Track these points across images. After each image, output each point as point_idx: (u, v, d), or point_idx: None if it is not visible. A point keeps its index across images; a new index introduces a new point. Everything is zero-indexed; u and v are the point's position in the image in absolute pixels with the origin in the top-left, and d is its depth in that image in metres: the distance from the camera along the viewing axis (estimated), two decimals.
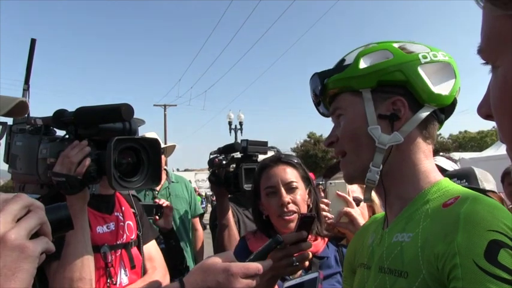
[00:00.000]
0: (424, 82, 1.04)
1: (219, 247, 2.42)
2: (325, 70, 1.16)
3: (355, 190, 2.08)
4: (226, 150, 2.49)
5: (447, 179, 1.08)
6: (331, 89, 1.14)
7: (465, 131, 40.44)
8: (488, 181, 2.25)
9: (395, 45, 1.10)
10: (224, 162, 2.44)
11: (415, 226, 0.97)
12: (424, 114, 1.05)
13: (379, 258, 1.05)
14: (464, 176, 2.23)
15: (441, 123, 1.12)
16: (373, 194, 2.11)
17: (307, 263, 1.41)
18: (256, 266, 1.09)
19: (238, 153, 2.49)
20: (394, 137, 1.05)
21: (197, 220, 4.31)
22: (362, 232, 1.31)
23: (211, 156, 2.55)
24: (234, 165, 2.44)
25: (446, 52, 1.11)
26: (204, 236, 4.32)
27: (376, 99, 1.07)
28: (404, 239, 0.99)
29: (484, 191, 1.96)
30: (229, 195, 2.53)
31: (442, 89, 1.06)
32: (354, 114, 1.10)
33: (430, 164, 1.08)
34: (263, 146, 2.46)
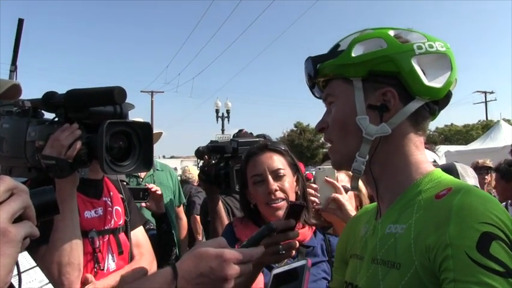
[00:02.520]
0: (416, 74, 1.02)
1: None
2: (319, 55, 1.14)
3: (342, 179, 2.08)
4: (216, 150, 2.44)
5: (439, 169, 1.08)
6: (323, 74, 1.13)
7: (451, 124, 40.97)
8: (470, 176, 2.28)
9: (391, 32, 1.07)
10: (214, 161, 2.40)
11: (408, 217, 0.97)
12: (414, 106, 1.03)
13: (372, 250, 1.05)
14: (446, 171, 2.26)
15: (434, 114, 1.11)
16: (361, 184, 2.13)
17: (293, 251, 1.40)
18: (249, 253, 1.07)
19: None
20: (381, 129, 1.03)
21: (181, 209, 4.30)
22: (354, 223, 1.30)
23: (200, 149, 2.50)
24: (223, 164, 2.40)
25: (444, 42, 1.08)
26: None
27: (367, 88, 1.05)
28: (398, 230, 0.98)
29: None
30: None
31: (435, 81, 1.04)
32: (344, 102, 1.09)
33: (421, 156, 1.07)
34: (253, 144, 2.42)
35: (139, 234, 2.04)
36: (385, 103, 1.04)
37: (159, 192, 2.80)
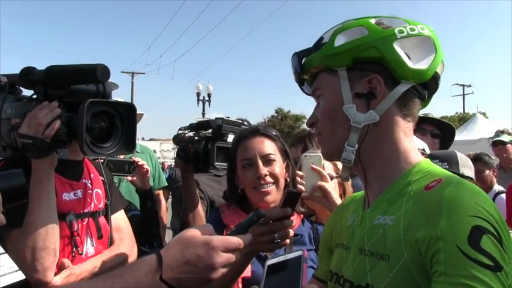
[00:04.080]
0: (399, 58, 1.01)
1: (183, 225, 2.35)
2: (303, 49, 1.14)
3: (327, 167, 2.07)
4: (200, 126, 2.40)
5: (428, 160, 1.07)
6: (308, 68, 1.13)
7: None
8: (466, 166, 2.29)
9: (372, 20, 1.07)
10: (196, 138, 2.35)
11: (398, 209, 0.97)
12: (400, 90, 1.02)
13: (360, 240, 1.04)
14: (447, 159, 2.26)
15: (424, 99, 1.10)
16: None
17: (288, 240, 1.38)
18: (238, 240, 1.04)
19: (209, 131, 2.40)
20: (369, 116, 1.03)
21: (161, 192, 4.24)
22: (340, 211, 1.29)
23: (180, 133, 2.45)
24: (203, 143, 2.36)
25: (427, 25, 1.07)
26: None
27: (353, 77, 1.05)
28: (387, 221, 0.98)
29: (462, 177, 2.07)
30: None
31: (420, 64, 1.03)
32: (331, 94, 1.08)
33: (410, 143, 1.07)
34: (237, 126, 2.39)
35: (119, 218, 1.98)
36: (371, 90, 1.03)
37: (146, 166, 2.67)
